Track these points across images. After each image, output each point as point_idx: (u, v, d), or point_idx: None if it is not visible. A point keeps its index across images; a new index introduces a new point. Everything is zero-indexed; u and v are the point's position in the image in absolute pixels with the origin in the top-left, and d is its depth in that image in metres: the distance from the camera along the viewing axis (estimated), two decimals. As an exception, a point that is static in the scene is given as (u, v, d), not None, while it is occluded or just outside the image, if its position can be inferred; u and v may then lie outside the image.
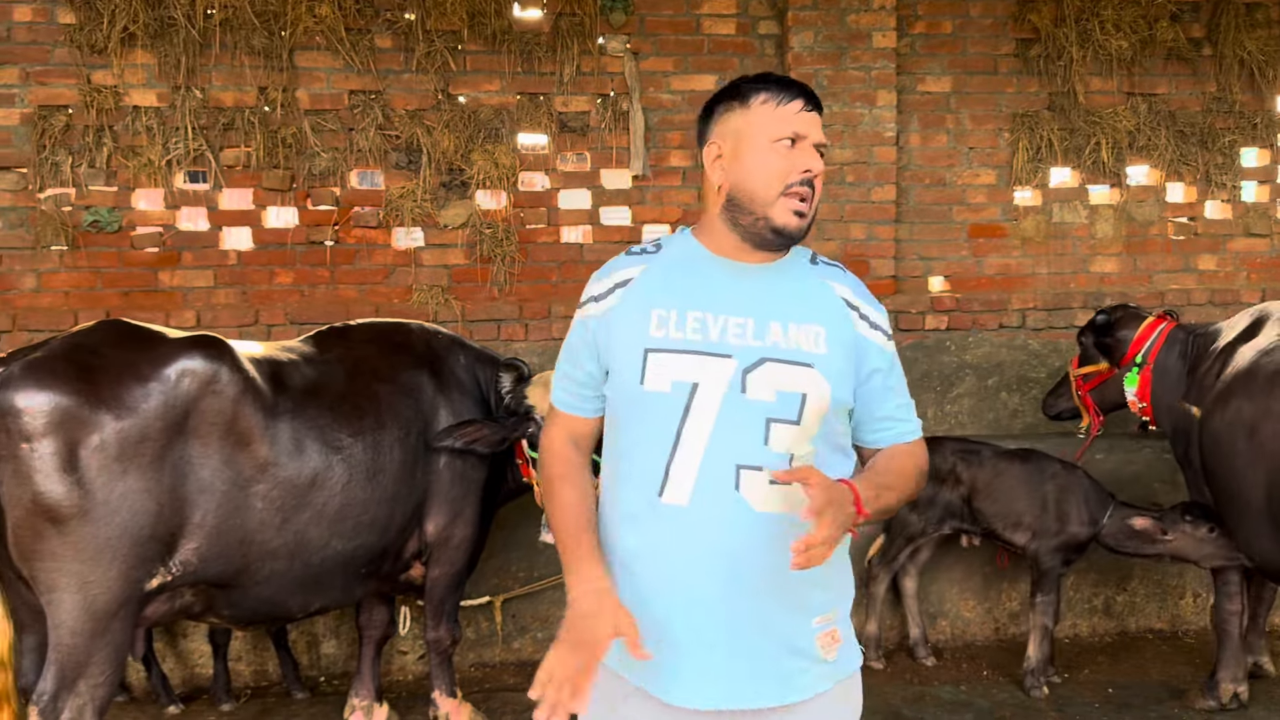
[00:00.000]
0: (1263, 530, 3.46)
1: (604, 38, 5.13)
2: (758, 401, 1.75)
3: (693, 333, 1.78)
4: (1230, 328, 3.95)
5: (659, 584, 1.78)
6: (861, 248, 5.19)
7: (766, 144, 1.79)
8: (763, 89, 1.82)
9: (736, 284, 1.83)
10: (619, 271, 1.87)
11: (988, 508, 4.20)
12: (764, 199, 1.79)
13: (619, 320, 1.83)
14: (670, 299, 1.81)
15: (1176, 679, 4.27)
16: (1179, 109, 5.45)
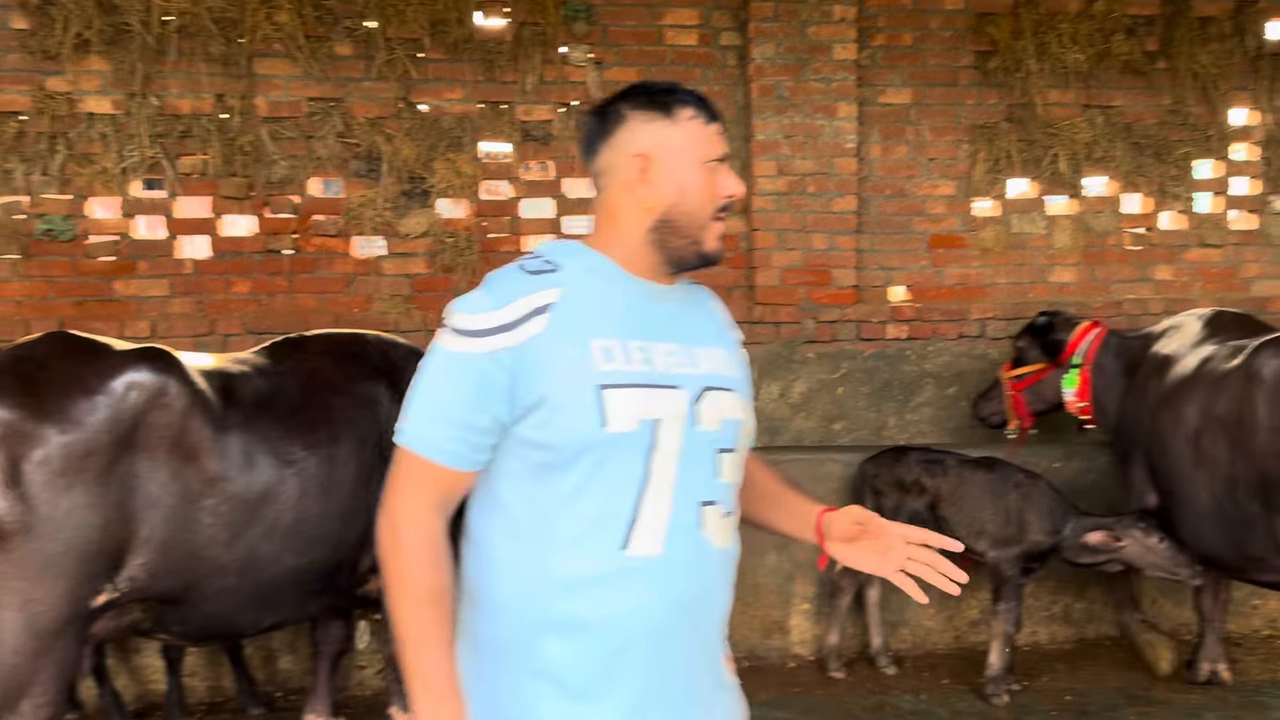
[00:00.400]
0: (1212, 527, 3.56)
1: (567, 47, 5.13)
2: (707, 432, 1.66)
3: (641, 364, 1.62)
4: (1168, 332, 4.14)
5: (626, 648, 1.59)
6: (823, 258, 5.21)
7: (699, 164, 1.68)
8: (687, 103, 1.70)
9: (658, 308, 1.70)
10: (531, 294, 1.61)
11: (951, 516, 4.23)
12: (700, 222, 1.69)
13: (549, 352, 1.57)
14: (607, 326, 1.62)
15: (1133, 685, 4.32)
16: (1135, 121, 5.53)
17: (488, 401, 1.58)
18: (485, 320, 1.59)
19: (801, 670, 4.58)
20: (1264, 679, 4.38)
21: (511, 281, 1.63)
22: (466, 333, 1.60)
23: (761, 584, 4.65)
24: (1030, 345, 4.55)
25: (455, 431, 1.58)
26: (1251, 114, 5.65)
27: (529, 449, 1.60)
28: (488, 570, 1.65)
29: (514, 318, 1.59)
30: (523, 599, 1.61)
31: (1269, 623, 4.98)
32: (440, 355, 1.62)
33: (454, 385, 1.59)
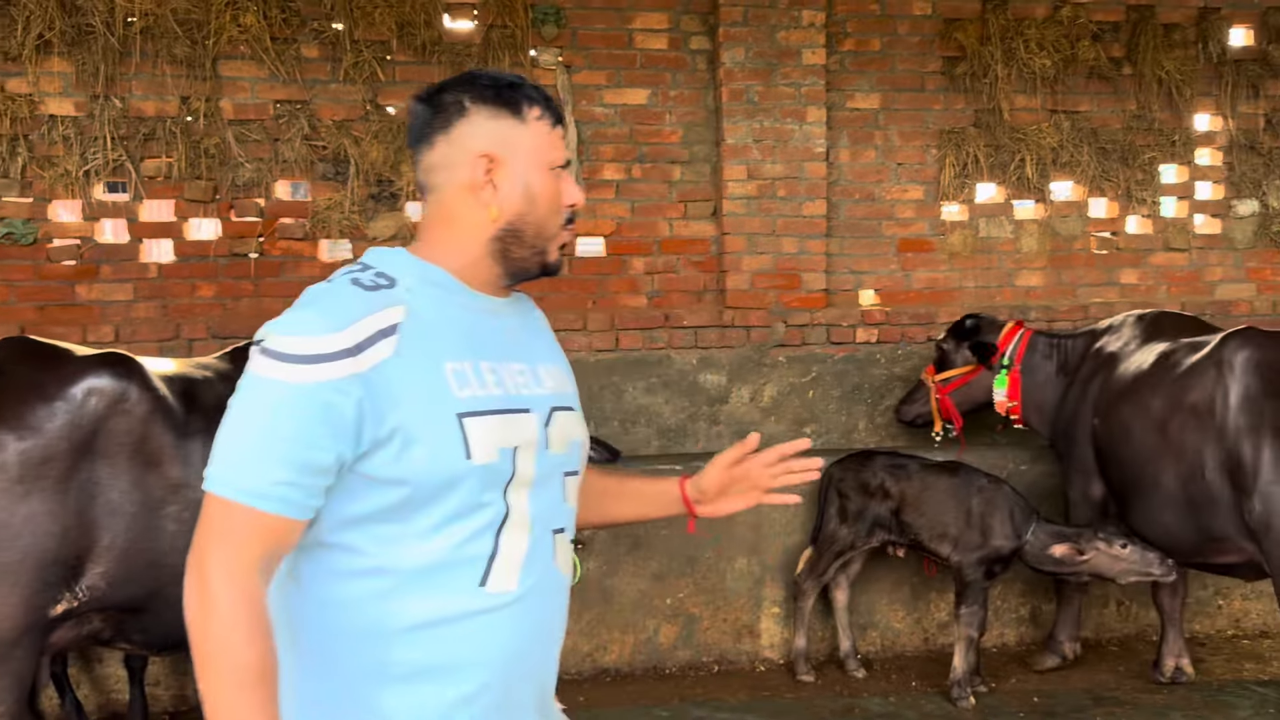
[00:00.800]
0: (1176, 512, 3.67)
1: (536, 50, 5.12)
2: (556, 456, 1.56)
3: (494, 387, 1.48)
4: (1110, 331, 4.31)
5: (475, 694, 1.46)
6: (793, 261, 5.23)
7: (546, 169, 1.55)
8: (535, 102, 1.55)
9: (500, 324, 1.57)
10: (372, 315, 1.40)
11: (915, 520, 4.25)
12: (548, 233, 1.56)
13: (401, 379, 1.39)
14: (457, 348, 1.47)
15: (1100, 687, 4.35)
16: (1100, 126, 5.58)
17: (330, 438, 1.35)
18: (322, 344, 1.36)
19: (771, 674, 4.59)
20: (1228, 678, 4.43)
21: (348, 299, 1.41)
22: (298, 359, 1.35)
23: (731, 588, 4.66)
24: (957, 348, 4.64)
25: (289, 474, 1.34)
26: (1215, 119, 5.72)
27: (377, 487, 1.41)
28: (316, 615, 1.45)
29: (357, 340, 1.38)
30: (359, 646, 1.43)
31: (1233, 622, 5.04)
32: (265, 386, 1.36)
33: (286, 420, 1.34)
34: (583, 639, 4.54)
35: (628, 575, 4.58)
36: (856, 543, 4.34)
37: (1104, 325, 4.46)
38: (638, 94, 5.20)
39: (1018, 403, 4.52)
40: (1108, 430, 3.97)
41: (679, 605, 4.63)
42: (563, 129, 1.59)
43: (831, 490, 4.41)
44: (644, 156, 5.23)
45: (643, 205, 5.25)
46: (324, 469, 1.37)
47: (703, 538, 4.61)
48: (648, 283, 5.26)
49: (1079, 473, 4.28)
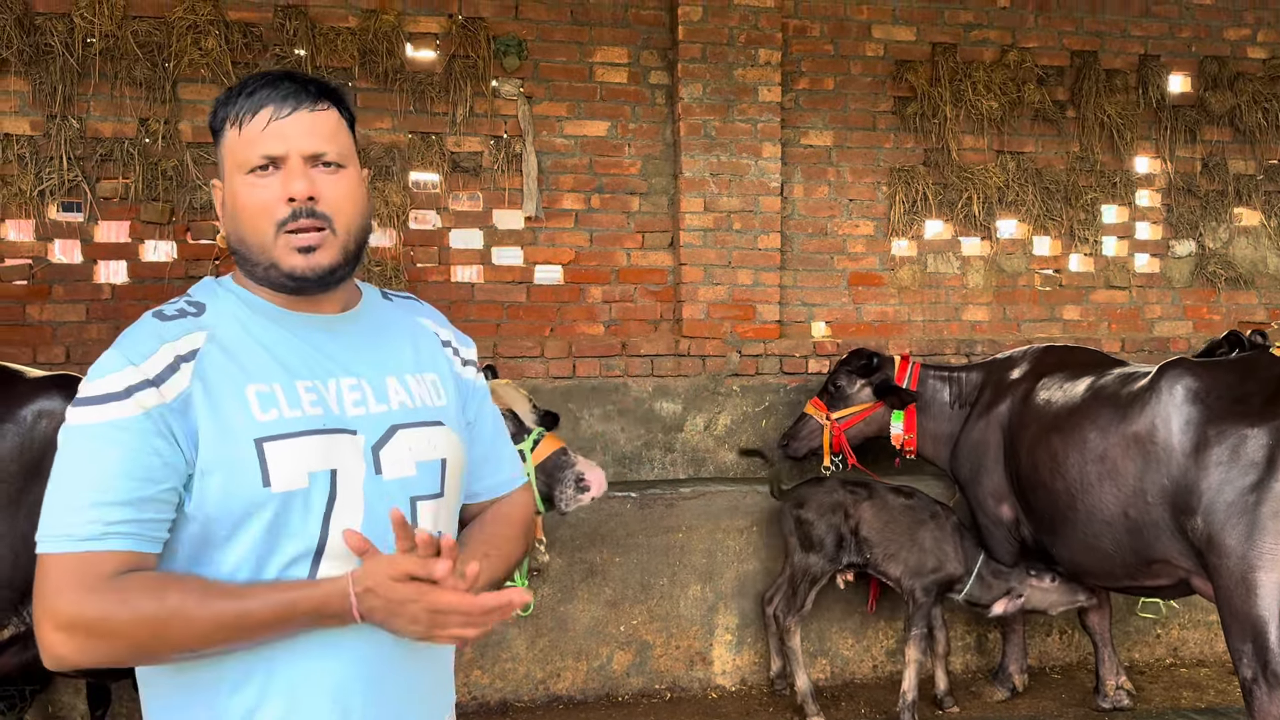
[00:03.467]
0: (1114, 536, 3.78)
1: (497, 80, 5.19)
2: (397, 480, 1.44)
3: (311, 407, 1.39)
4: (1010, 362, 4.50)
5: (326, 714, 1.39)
6: (748, 293, 5.32)
7: (239, 176, 1.42)
8: (230, 108, 1.43)
9: (330, 339, 1.47)
10: (169, 343, 1.36)
11: (871, 538, 4.32)
12: (259, 244, 1.42)
13: (202, 406, 1.34)
14: (265, 370, 1.40)
15: (1044, 714, 4.44)
16: (1045, 167, 5.76)
17: (157, 468, 1.32)
18: (123, 379, 1.33)
19: (724, 700, 4.62)
20: (1166, 706, 4.54)
21: (145, 332, 1.39)
22: (104, 399, 1.32)
23: (684, 615, 4.69)
24: (856, 384, 4.71)
25: (126, 511, 1.29)
26: (1154, 162, 5.92)
27: (183, 523, 1.35)
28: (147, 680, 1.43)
29: (157, 371, 1.34)
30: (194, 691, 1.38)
31: (1172, 651, 5.17)
32: (79, 433, 1.32)
33: (111, 456, 1.30)
34: (536, 666, 4.54)
35: (582, 602, 4.60)
36: (828, 567, 4.36)
37: (1002, 357, 4.63)
38: (598, 126, 5.29)
39: (913, 435, 4.64)
40: (1033, 461, 4.07)
41: (633, 632, 4.65)
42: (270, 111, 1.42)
43: (789, 520, 4.44)
44: (603, 187, 5.31)
45: (601, 235, 5.32)
46: (155, 500, 1.32)
47: (657, 565, 4.65)
48: (605, 311, 5.32)
49: (989, 498, 4.39)
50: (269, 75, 1.44)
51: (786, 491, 4.54)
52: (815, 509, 4.37)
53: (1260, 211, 5.98)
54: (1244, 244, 5.97)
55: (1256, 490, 3.32)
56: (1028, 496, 4.16)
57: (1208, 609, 4.97)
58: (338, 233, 1.44)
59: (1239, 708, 4.25)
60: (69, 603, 1.26)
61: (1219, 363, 3.72)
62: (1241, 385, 3.51)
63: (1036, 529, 4.19)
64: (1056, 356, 4.40)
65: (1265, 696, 3.31)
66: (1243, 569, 3.33)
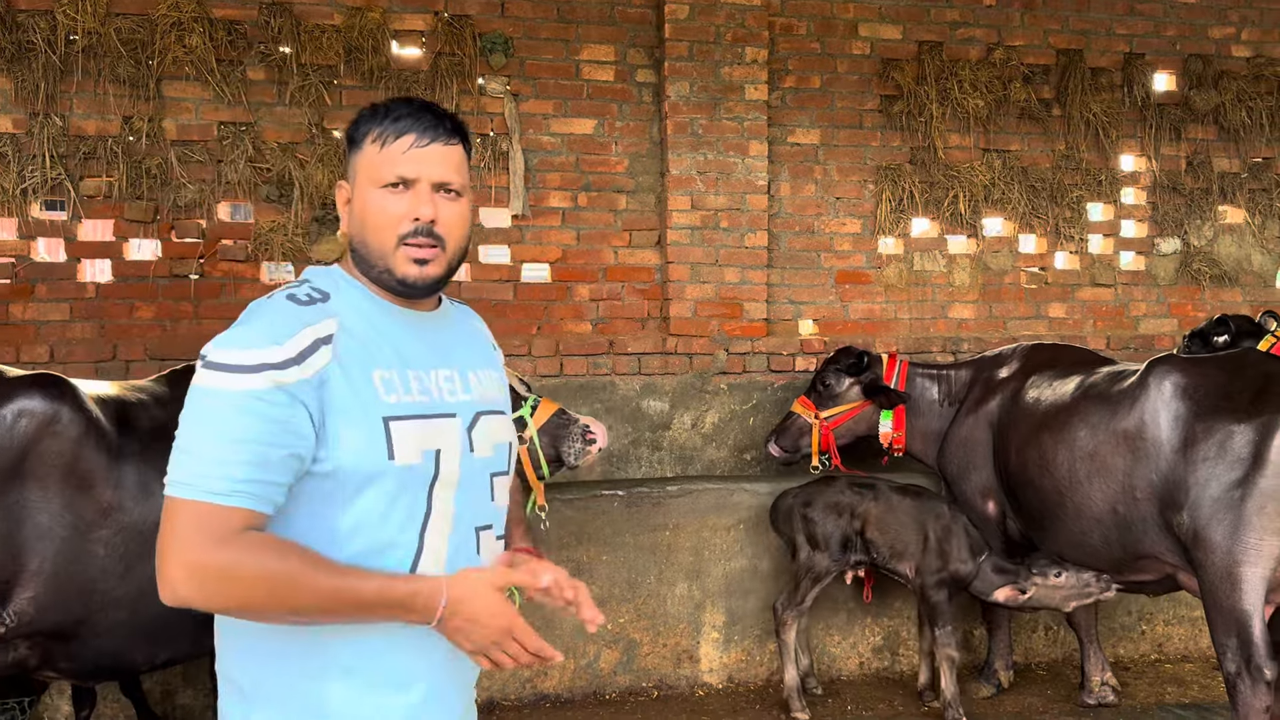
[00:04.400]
0: (1103, 532, 3.80)
1: (484, 78, 5.17)
2: (482, 459, 1.68)
3: (420, 394, 1.61)
4: (1000, 359, 4.52)
5: (418, 663, 1.60)
6: (735, 291, 5.32)
7: (373, 189, 1.62)
8: (375, 124, 1.64)
9: (424, 334, 1.69)
10: (310, 327, 1.54)
11: (878, 538, 4.32)
12: (380, 250, 1.63)
13: (338, 385, 1.53)
14: (385, 356, 1.60)
15: (1029, 710, 4.45)
16: (1031, 165, 5.78)
17: (288, 437, 1.48)
18: (268, 355, 1.49)
19: (710, 698, 4.62)
20: (1151, 702, 4.56)
21: (286, 313, 1.55)
22: (247, 369, 1.47)
23: (672, 613, 4.69)
24: (845, 383, 4.69)
25: (253, 472, 1.45)
26: (1139, 160, 5.94)
27: (312, 481, 1.53)
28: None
29: (300, 349, 1.51)
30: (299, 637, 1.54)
31: (1156, 647, 5.19)
32: (219, 396, 1.47)
33: (246, 423, 1.46)
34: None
35: (568, 601, 4.58)
36: (832, 566, 4.36)
37: (990, 355, 4.64)
38: (584, 124, 5.28)
39: (902, 433, 4.63)
40: (1023, 459, 4.08)
41: (620, 630, 4.65)
42: (412, 139, 1.62)
43: (797, 519, 4.43)
44: (590, 185, 5.30)
45: (588, 233, 5.31)
46: (281, 466, 1.48)
47: (644, 563, 4.65)
48: (592, 309, 5.31)
49: (978, 494, 4.41)
50: (413, 103, 1.65)
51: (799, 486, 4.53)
52: (821, 508, 4.37)
53: (1244, 209, 6.01)
54: (1228, 242, 6.00)
55: (1242, 486, 3.34)
56: (1017, 493, 4.17)
57: (1192, 605, 4.99)
58: (447, 251, 1.65)
59: (1223, 703, 4.27)
60: (200, 550, 1.43)
61: (1207, 359, 3.75)
62: (1229, 382, 3.53)
63: (1026, 525, 4.21)
64: (1045, 354, 4.42)
65: (1249, 690, 3.33)
66: (1228, 564, 3.35)
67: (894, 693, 4.68)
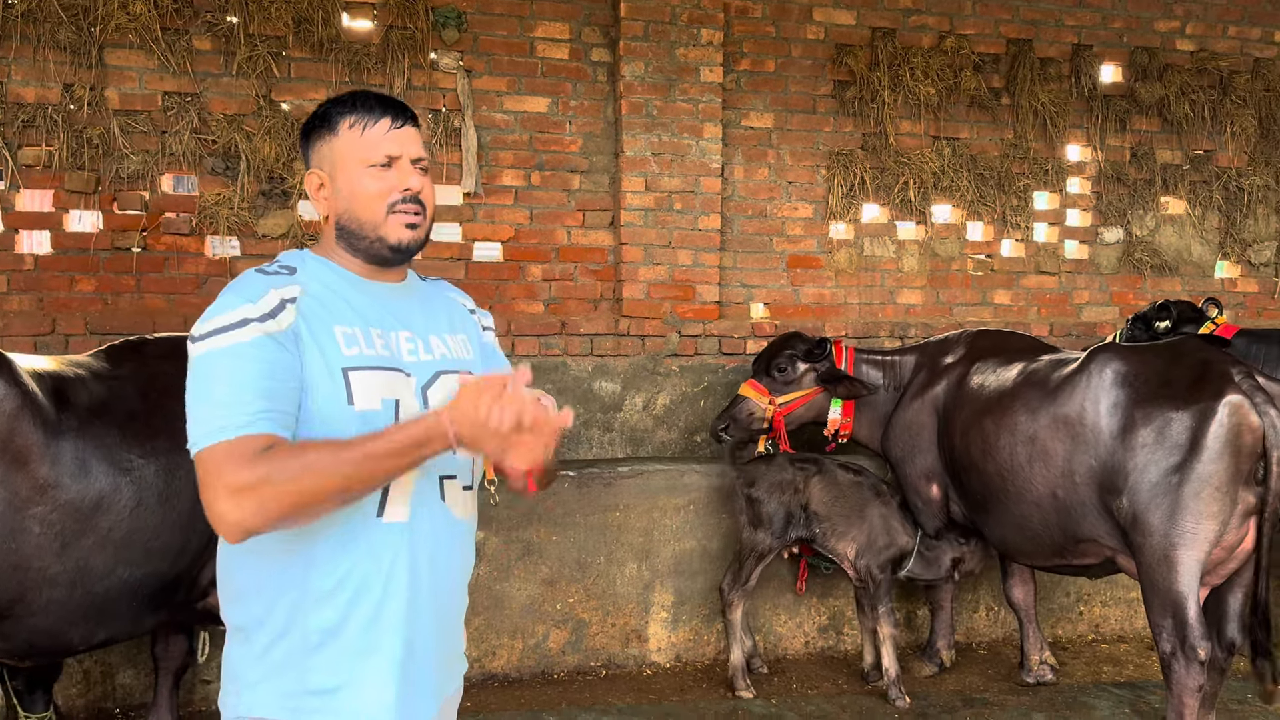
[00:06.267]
0: (1043, 516, 3.88)
1: (436, 53, 5.11)
2: None
3: (382, 349, 1.77)
4: (945, 345, 4.58)
5: (384, 605, 1.74)
6: (688, 273, 5.33)
7: (361, 169, 1.81)
8: (349, 113, 1.83)
9: (388, 302, 1.86)
10: (276, 289, 1.72)
11: (823, 514, 4.38)
12: (373, 222, 1.82)
13: (306, 338, 1.71)
14: (348, 316, 1.78)
15: (970, 689, 4.54)
16: (979, 153, 5.85)
17: (286, 372, 1.66)
18: (247, 311, 1.66)
19: (658, 677, 4.65)
20: (1088, 680, 4.67)
21: (254, 280, 1.74)
22: (230, 328, 1.65)
23: (621, 593, 4.71)
24: (800, 368, 4.67)
25: (266, 402, 1.62)
26: (1085, 150, 6.05)
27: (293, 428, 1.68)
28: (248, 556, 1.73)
29: (271, 307, 1.69)
30: (284, 570, 1.71)
31: (1093, 628, 5.32)
32: (215, 356, 1.64)
33: (246, 367, 1.63)
34: (471, 644, 4.53)
35: (518, 581, 4.59)
36: (775, 544, 4.41)
37: (936, 340, 4.70)
38: (538, 102, 5.24)
39: (850, 420, 4.67)
40: (966, 443, 4.16)
41: (569, 610, 4.66)
42: (389, 122, 1.82)
43: (740, 497, 4.47)
44: (543, 164, 5.26)
45: (541, 213, 5.28)
46: (288, 396, 1.65)
47: (594, 543, 4.66)
48: (545, 290, 5.29)
49: (922, 478, 4.47)
50: (376, 95, 1.86)
51: (740, 465, 4.56)
52: (765, 487, 4.41)
53: (1185, 201, 6.14)
54: (1169, 232, 6.13)
55: (1179, 471, 3.42)
56: (961, 477, 4.24)
57: (1128, 587, 5.12)
58: (426, 217, 1.86)
59: (1157, 681, 4.40)
60: (234, 474, 1.55)
61: (1146, 348, 3.83)
62: (1167, 370, 3.61)
63: (969, 509, 4.28)
64: (990, 341, 4.48)
65: (1183, 669, 3.42)
66: (1165, 547, 3.44)
67: (838, 671, 4.75)
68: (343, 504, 1.64)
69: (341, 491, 1.61)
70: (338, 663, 1.70)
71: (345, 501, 1.64)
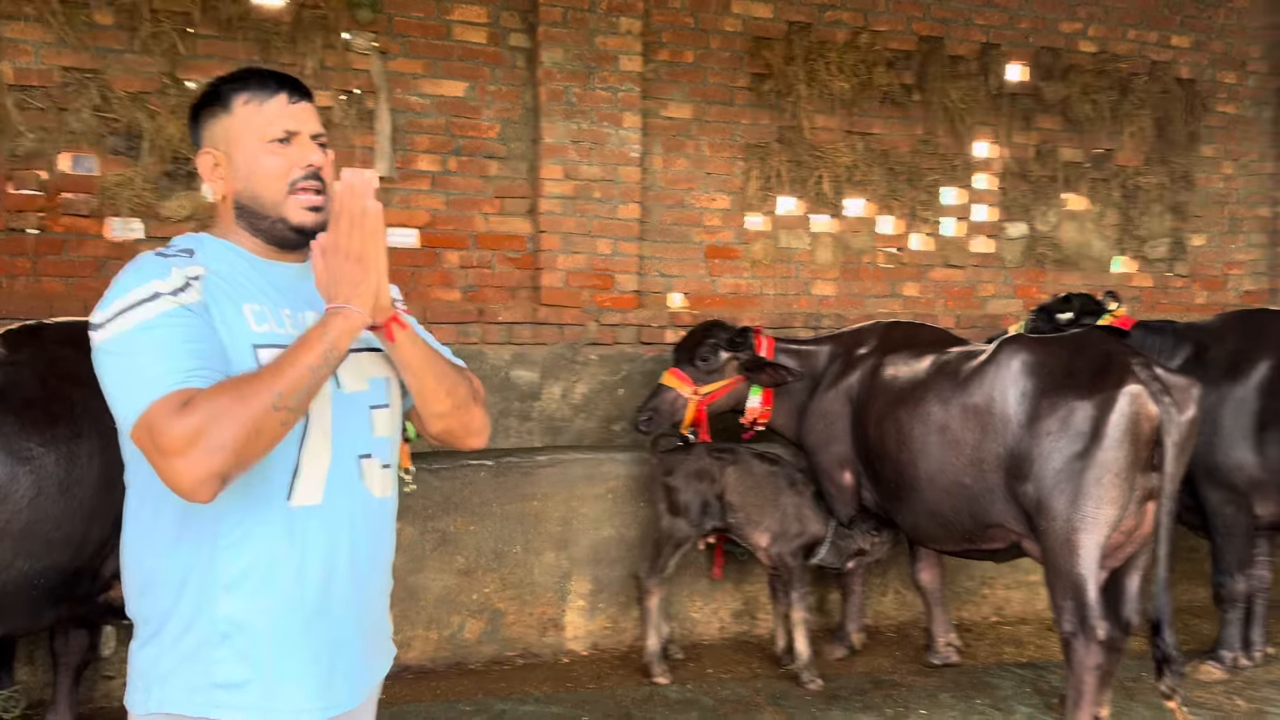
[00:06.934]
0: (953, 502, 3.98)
1: (350, 34, 4.99)
2: (356, 392, 1.77)
3: (291, 328, 1.72)
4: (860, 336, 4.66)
5: (297, 592, 1.68)
6: (607, 262, 5.32)
7: (259, 145, 1.75)
8: (242, 89, 1.77)
9: (293, 283, 1.80)
10: (179, 269, 1.66)
11: (737, 503, 4.42)
12: (273, 201, 1.76)
13: (214, 315, 1.66)
14: (257, 295, 1.73)
15: (879, 671, 4.65)
16: (891, 148, 5.97)
17: (211, 336, 1.62)
18: (158, 286, 1.61)
19: (575, 665, 4.65)
20: (992, 661, 4.82)
21: (155, 260, 1.67)
22: (145, 301, 1.59)
23: (538, 582, 4.70)
24: (723, 357, 4.68)
25: (196, 362, 1.56)
26: (993, 147, 6.21)
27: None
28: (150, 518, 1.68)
29: (178, 284, 1.63)
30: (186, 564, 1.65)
31: (996, 610, 5.50)
32: (132, 331, 1.57)
33: (169, 334, 1.57)
34: (385, 636, 4.46)
35: (433, 571, 4.54)
36: (692, 532, 4.44)
37: (849, 331, 4.78)
38: (455, 86, 5.17)
39: (769, 409, 4.71)
40: (880, 432, 4.25)
41: (485, 600, 4.62)
42: (285, 97, 1.76)
43: (658, 486, 4.49)
44: (460, 149, 5.20)
45: (458, 199, 5.22)
46: (216, 356, 1.60)
47: (512, 533, 4.64)
48: (462, 277, 5.23)
49: (836, 465, 4.53)
50: (268, 70, 1.81)
51: (659, 454, 4.58)
52: (682, 476, 4.44)
53: (1086, 198, 6.37)
54: (1071, 228, 6.35)
55: (1082, 458, 3.55)
56: (874, 465, 4.33)
57: (1029, 570, 5.30)
58: (328, 196, 1.76)
59: (1056, 662, 4.55)
60: (170, 429, 1.49)
61: (1052, 339, 3.96)
62: (1072, 361, 3.74)
63: (882, 496, 4.37)
64: (902, 333, 4.58)
65: (1083, 649, 3.56)
66: (1067, 531, 3.57)
67: (752, 656, 4.82)
68: (285, 425, 1.57)
69: (280, 409, 1.54)
70: (247, 654, 1.64)
71: (286, 423, 1.56)
